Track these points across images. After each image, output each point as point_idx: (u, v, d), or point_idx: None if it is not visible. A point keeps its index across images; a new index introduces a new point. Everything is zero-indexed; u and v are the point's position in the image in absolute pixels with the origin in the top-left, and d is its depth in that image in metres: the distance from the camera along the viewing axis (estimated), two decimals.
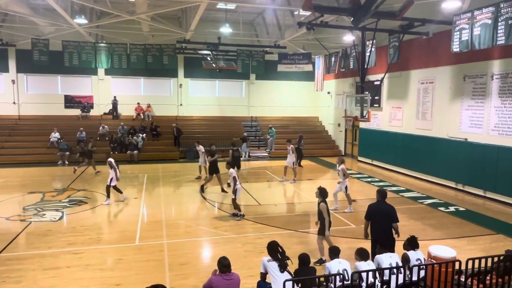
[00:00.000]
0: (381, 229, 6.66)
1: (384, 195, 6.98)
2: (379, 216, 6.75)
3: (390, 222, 6.65)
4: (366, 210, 7.00)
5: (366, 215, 6.95)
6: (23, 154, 19.63)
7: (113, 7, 18.22)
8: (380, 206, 6.86)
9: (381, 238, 6.57)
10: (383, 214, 6.72)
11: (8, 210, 11.07)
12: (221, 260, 5.03)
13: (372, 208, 6.91)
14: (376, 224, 6.75)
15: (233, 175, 10.41)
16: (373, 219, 6.81)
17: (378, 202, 6.95)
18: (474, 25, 11.57)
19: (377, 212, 6.80)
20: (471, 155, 13.46)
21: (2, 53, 22.15)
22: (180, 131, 22.05)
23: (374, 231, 6.77)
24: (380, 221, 6.70)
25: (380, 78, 17.28)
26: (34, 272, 7.07)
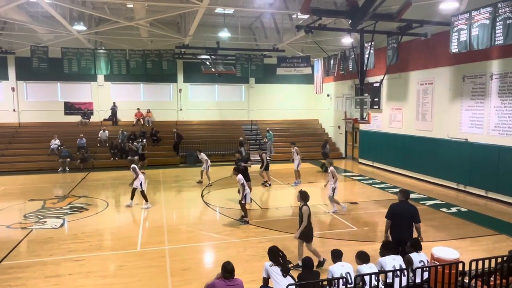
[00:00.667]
0: (405, 229, 6.72)
1: (407, 195, 7.04)
2: (402, 216, 6.79)
3: (413, 222, 6.74)
4: (388, 209, 6.99)
5: (388, 215, 6.93)
6: (24, 161, 19.63)
7: (112, 13, 18.30)
8: (403, 206, 6.90)
9: (405, 237, 6.59)
10: (407, 214, 6.78)
11: (9, 218, 11.04)
12: (225, 265, 5.00)
13: (395, 208, 6.93)
14: (400, 223, 6.77)
15: (241, 181, 10.40)
16: (396, 219, 6.81)
17: (401, 202, 6.98)
18: (472, 26, 11.59)
19: (400, 212, 6.83)
20: (472, 156, 13.44)
21: (2, 61, 22.20)
22: (180, 136, 22.05)
23: (398, 231, 6.78)
24: (404, 221, 6.75)
25: (379, 80, 17.30)
26: (35, 280, 7.04)
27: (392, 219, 6.85)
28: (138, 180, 11.90)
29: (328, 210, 11.60)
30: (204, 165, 15.71)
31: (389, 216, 6.92)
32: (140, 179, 11.95)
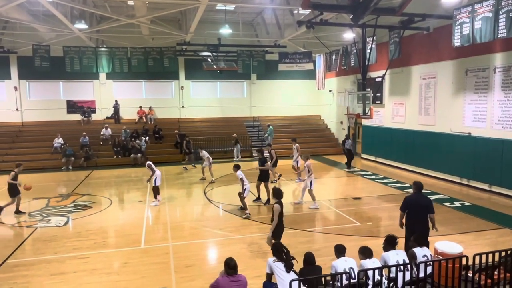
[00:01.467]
0: (420, 221, 6.80)
1: (421, 187, 7.09)
2: (417, 208, 6.87)
3: (428, 213, 6.83)
4: (403, 201, 7.06)
5: (403, 207, 7.02)
6: (27, 160, 19.64)
7: (113, 11, 18.29)
8: (418, 198, 6.99)
9: (419, 229, 6.66)
10: (422, 206, 6.86)
11: (13, 217, 11.10)
12: (228, 261, 5.01)
13: (410, 200, 7.00)
14: (414, 216, 6.86)
15: (240, 176, 10.62)
16: (411, 211, 6.89)
17: (416, 195, 7.05)
18: (475, 19, 11.51)
19: (415, 204, 6.90)
20: (475, 150, 13.39)
21: (4, 60, 22.27)
22: (182, 136, 21.96)
23: (412, 223, 6.85)
24: (419, 213, 6.83)
25: (381, 74, 17.24)
26: (40, 277, 7.09)
27: (406, 211, 6.93)
28: (154, 176, 12.02)
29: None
30: (206, 162, 15.73)
31: (403, 208, 7.02)
32: (156, 175, 12.06)
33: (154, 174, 12.05)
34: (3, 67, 22.35)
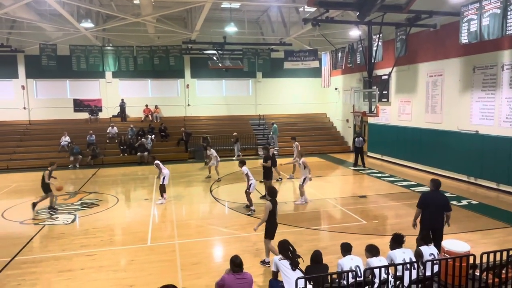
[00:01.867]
0: (437, 218, 6.85)
1: (439, 185, 7.09)
2: (435, 205, 6.88)
3: (444, 211, 6.87)
4: (420, 198, 7.03)
5: (420, 204, 6.98)
6: (35, 158, 19.89)
7: (119, 10, 18.35)
8: (436, 196, 7.00)
9: (437, 226, 6.79)
10: (439, 203, 6.89)
11: (21, 214, 11.23)
12: (233, 259, 5.03)
13: (428, 197, 6.99)
14: (432, 213, 6.86)
15: (245, 172, 10.68)
16: (428, 208, 6.88)
17: (433, 192, 7.05)
18: (483, 15, 11.40)
19: (433, 202, 6.91)
20: (483, 148, 13.27)
21: (12, 59, 22.46)
22: (188, 134, 22.03)
23: (429, 220, 6.86)
24: (436, 210, 6.85)
25: (388, 72, 17.14)
26: (48, 274, 7.16)
27: (424, 208, 6.91)
28: (162, 175, 12.10)
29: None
30: (213, 161, 15.75)
31: (420, 205, 6.98)
32: (165, 174, 12.13)
33: (162, 173, 12.10)
34: (10, 66, 22.55)
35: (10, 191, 14.43)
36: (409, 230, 8.43)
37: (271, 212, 7.12)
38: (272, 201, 7.20)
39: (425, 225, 6.89)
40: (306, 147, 22.65)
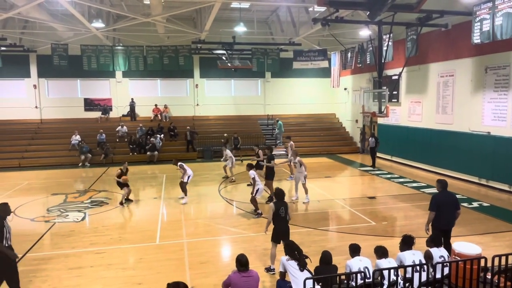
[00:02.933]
0: (451, 218, 6.90)
1: (446, 185, 7.11)
2: (448, 205, 6.89)
3: (456, 210, 6.92)
4: (432, 201, 6.95)
5: (434, 207, 6.89)
6: (46, 157, 20.16)
7: (129, 10, 18.50)
8: (447, 196, 7.00)
9: (451, 226, 6.87)
10: (451, 203, 6.92)
11: (33, 212, 11.38)
12: (239, 258, 5.03)
13: (440, 198, 6.96)
14: (445, 213, 6.86)
15: (252, 176, 10.50)
16: (442, 209, 6.86)
17: (444, 192, 7.03)
18: (496, 15, 11.23)
19: (446, 202, 6.90)
20: (495, 149, 13.08)
21: (24, 59, 22.79)
22: (194, 134, 22.07)
23: (444, 221, 6.86)
24: (449, 210, 6.87)
25: (398, 72, 17.00)
26: (59, 271, 7.25)
27: (437, 210, 6.85)
28: (187, 175, 12.19)
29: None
30: (229, 161, 15.76)
31: (434, 208, 6.88)
32: (189, 174, 12.22)
33: (186, 173, 12.22)
34: (23, 66, 22.88)
35: (22, 189, 14.64)
36: (419, 231, 8.34)
37: (275, 214, 6.90)
38: (278, 203, 6.97)
39: (439, 226, 6.83)
40: (314, 147, 22.65)
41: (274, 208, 6.91)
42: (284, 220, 6.96)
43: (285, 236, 6.90)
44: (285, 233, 6.96)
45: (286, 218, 6.99)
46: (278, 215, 6.91)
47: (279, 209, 6.91)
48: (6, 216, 6.03)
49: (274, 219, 6.93)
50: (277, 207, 6.92)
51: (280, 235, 6.93)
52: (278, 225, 6.97)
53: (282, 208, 6.94)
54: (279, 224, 6.96)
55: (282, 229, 6.96)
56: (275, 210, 6.90)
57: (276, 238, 6.96)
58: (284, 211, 6.94)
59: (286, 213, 6.96)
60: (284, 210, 6.95)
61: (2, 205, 6.06)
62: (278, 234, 6.95)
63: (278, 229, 6.96)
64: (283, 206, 6.97)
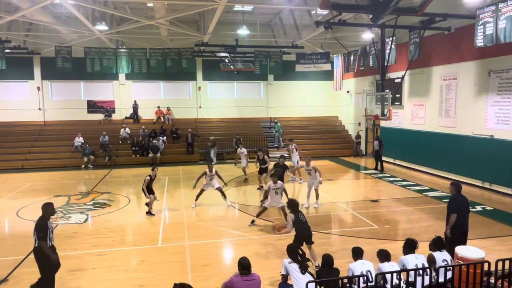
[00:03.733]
0: (466, 221, 6.94)
1: (461, 188, 7.15)
2: (464, 208, 6.94)
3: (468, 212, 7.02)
4: (452, 204, 6.90)
5: (455, 209, 6.83)
6: (49, 158, 20.23)
7: (133, 13, 18.59)
8: (463, 198, 7.03)
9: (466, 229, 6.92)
10: (467, 205, 6.99)
11: (35, 213, 11.35)
12: (241, 261, 5.02)
13: (459, 201, 6.96)
14: (463, 216, 6.88)
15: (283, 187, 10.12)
16: (461, 211, 6.86)
17: (459, 195, 7.04)
18: (499, 18, 11.21)
19: (464, 204, 6.95)
20: (498, 153, 13.03)
21: (28, 61, 22.91)
22: (195, 136, 22.06)
23: (462, 223, 6.87)
24: (464, 213, 6.91)
25: (401, 75, 16.97)
26: (60, 273, 7.21)
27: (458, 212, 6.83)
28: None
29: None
30: (244, 160, 15.78)
31: (456, 210, 6.83)
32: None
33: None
34: (26, 68, 23.01)
35: (25, 191, 14.68)
36: (422, 235, 8.33)
37: (296, 221, 7.16)
38: (295, 212, 7.28)
39: (457, 229, 6.79)
40: (317, 150, 22.61)
41: (294, 216, 7.20)
42: (305, 224, 7.22)
43: (308, 240, 7.15)
44: (307, 238, 7.17)
45: (307, 223, 7.28)
46: (299, 221, 7.17)
47: (298, 215, 7.21)
48: (50, 216, 6.21)
49: (297, 226, 7.15)
50: (296, 215, 7.23)
51: (302, 240, 7.03)
52: (300, 230, 7.16)
53: (301, 213, 7.33)
54: (301, 229, 7.16)
55: (305, 235, 7.14)
56: (295, 218, 7.18)
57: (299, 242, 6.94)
58: (303, 216, 7.30)
59: (304, 218, 7.30)
60: (303, 215, 7.32)
61: (46, 205, 6.24)
62: (301, 240, 7.00)
63: (302, 235, 7.11)
64: (301, 212, 7.39)
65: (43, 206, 6.19)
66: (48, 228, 6.02)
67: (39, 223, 5.97)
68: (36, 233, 5.89)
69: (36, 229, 5.91)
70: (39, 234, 5.87)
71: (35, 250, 5.96)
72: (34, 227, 5.95)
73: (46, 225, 6.02)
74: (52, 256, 5.92)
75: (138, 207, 12.37)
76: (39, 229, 5.91)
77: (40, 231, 5.89)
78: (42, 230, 5.91)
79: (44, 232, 5.92)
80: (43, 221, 6.01)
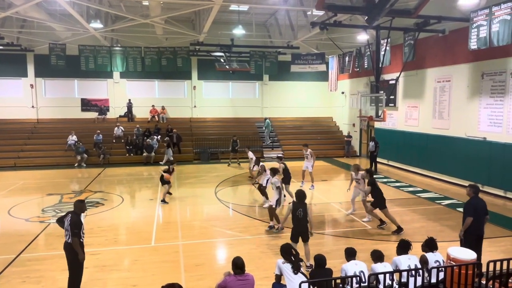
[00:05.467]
0: (482, 224, 6.92)
1: (479, 190, 7.17)
2: (481, 210, 6.92)
3: (485, 215, 6.97)
4: (468, 206, 6.90)
5: (471, 212, 6.82)
6: (42, 156, 20.07)
7: (128, 11, 18.48)
8: (480, 201, 7.02)
9: (482, 232, 6.90)
10: (483, 208, 6.96)
11: (27, 212, 11.31)
12: (235, 261, 5.01)
13: (475, 203, 6.96)
14: (479, 218, 6.86)
15: (277, 184, 9.91)
16: (477, 214, 6.85)
17: (477, 197, 7.04)
18: (493, 22, 11.32)
19: (480, 207, 6.94)
20: (490, 155, 13.15)
21: (21, 58, 22.70)
22: (180, 137, 21.96)
23: (478, 226, 6.86)
24: (481, 215, 6.89)
25: (395, 77, 17.06)
26: (53, 272, 7.20)
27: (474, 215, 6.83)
28: (265, 177, 11.50)
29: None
30: (250, 164, 15.70)
31: (471, 213, 6.83)
32: (267, 175, 11.44)
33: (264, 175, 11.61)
34: (20, 65, 22.79)
35: (17, 189, 14.55)
36: (415, 236, 8.38)
37: (293, 215, 7.28)
38: (296, 204, 7.33)
39: (473, 232, 6.79)
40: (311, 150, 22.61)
41: (292, 208, 7.31)
42: (302, 221, 7.26)
43: (303, 236, 7.31)
44: (302, 233, 7.31)
45: (305, 219, 7.29)
46: (295, 216, 7.26)
47: (296, 210, 7.26)
48: (81, 213, 6.35)
49: (292, 219, 7.31)
50: (295, 208, 7.29)
51: (297, 235, 7.30)
52: (296, 225, 7.33)
53: (300, 209, 7.26)
54: (297, 224, 7.31)
55: (298, 230, 7.31)
56: (292, 210, 7.30)
57: (293, 238, 7.31)
58: (302, 212, 7.24)
59: (304, 215, 7.26)
60: (302, 211, 7.25)
61: (79, 202, 6.39)
62: (295, 234, 7.33)
63: (295, 229, 7.35)
64: (301, 207, 7.28)
65: (76, 203, 6.34)
66: (82, 224, 6.20)
67: (73, 219, 6.09)
68: (71, 229, 6.02)
69: (71, 225, 6.04)
70: (74, 230, 6.01)
71: (67, 245, 6.11)
72: (69, 223, 6.06)
73: (80, 221, 6.18)
74: (80, 254, 6.08)
75: (131, 206, 12.31)
76: (74, 225, 6.04)
77: (75, 227, 6.02)
78: (77, 227, 6.05)
79: (78, 228, 6.07)
80: (77, 218, 6.16)
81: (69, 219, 6.10)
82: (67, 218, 6.15)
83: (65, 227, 6.10)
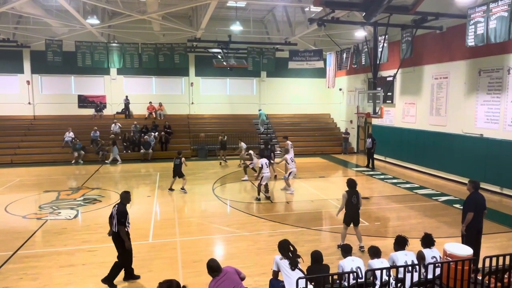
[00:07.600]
0: (481, 219, 7.00)
1: (479, 186, 7.22)
2: (481, 206, 7.00)
3: (484, 210, 7.05)
4: (469, 202, 6.99)
5: (472, 207, 6.90)
6: (39, 153, 19.99)
7: (125, 7, 18.38)
8: (480, 197, 7.09)
9: (481, 227, 6.99)
10: (483, 204, 7.05)
11: (24, 209, 11.28)
12: (209, 264, 4.95)
13: (476, 199, 7.03)
14: (479, 214, 6.95)
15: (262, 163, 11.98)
16: (478, 210, 6.92)
17: (477, 193, 7.09)
18: (490, 18, 11.33)
19: (480, 203, 7.02)
20: (487, 151, 13.20)
21: (17, 54, 22.56)
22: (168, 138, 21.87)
23: (478, 221, 6.94)
24: (480, 211, 6.99)
25: (393, 73, 17.08)
26: (50, 269, 7.19)
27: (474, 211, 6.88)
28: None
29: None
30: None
31: (473, 208, 6.89)
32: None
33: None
34: (16, 61, 22.65)
35: (14, 186, 14.51)
36: (412, 232, 8.42)
37: (348, 201, 7.86)
38: (350, 192, 7.88)
39: (473, 227, 6.86)
40: (309, 147, 22.70)
41: (347, 196, 7.88)
42: (355, 207, 7.94)
43: (354, 220, 7.97)
44: (354, 218, 7.97)
45: (358, 205, 7.96)
46: (350, 202, 7.90)
47: (351, 197, 7.89)
48: (127, 203, 6.73)
49: (347, 205, 7.93)
50: (350, 195, 7.89)
51: (350, 219, 7.96)
52: (349, 210, 7.95)
53: (354, 196, 7.91)
54: (350, 210, 7.93)
55: (352, 215, 7.96)
56: (348, 198, 7.88)
57: (347, 221, 8.00)
58: (356, 199, 7.92)
59: (358, 201, 7.94)
60: (356, 198, 7.93)
61: (125, 193, 6.81)
62: (348, 218, 7.98)
63: (349, 214, 7.97)
64: (355, 194, 7.93)
65: (122, 194, 6.76)
66: (127, 214, 6.57)
67: (120, 209, 6.50)
68: (117, 218, 6.41)
69: (118, 214, 6.43)
70: (120, 219, 6.42)
71: (114, 234, 6.55)
72: (116, 212, 6.45)
73: (126, 211, 6.56)
74: (126, 242, 6.51)
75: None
76: (120, 214, 6.44)
77: (121, 217, 6.44)
78: (123, 216, 6.47)
79: (124, 217, 6.48)
80: (123, 208, 6.56)
81: (116, 209, 6.50)
82: (114, 208, 6.56)
83: (112, 215, 6.47)
